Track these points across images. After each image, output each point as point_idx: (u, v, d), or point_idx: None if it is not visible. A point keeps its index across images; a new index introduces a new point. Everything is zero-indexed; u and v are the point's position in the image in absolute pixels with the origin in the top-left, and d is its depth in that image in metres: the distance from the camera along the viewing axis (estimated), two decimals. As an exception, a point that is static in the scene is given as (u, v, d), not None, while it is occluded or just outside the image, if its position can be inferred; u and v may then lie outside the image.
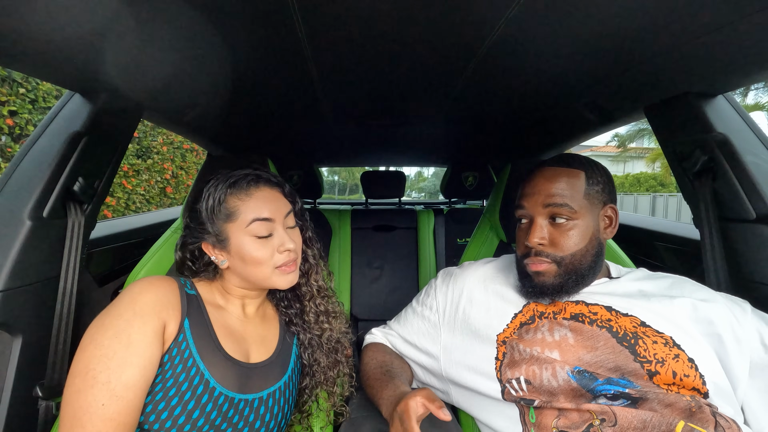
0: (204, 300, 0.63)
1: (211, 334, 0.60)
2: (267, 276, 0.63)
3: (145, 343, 0.51)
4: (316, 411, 0.76)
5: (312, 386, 0.73)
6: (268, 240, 0.63)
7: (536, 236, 0.67)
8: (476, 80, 0.86)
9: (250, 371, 0.63)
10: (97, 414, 0.47)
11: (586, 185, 0.68)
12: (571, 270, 0.66)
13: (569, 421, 0.58)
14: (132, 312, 0.53)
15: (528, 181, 0.72)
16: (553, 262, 0.66)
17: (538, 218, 0.68)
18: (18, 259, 0.70)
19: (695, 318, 0.62)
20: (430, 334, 0.78)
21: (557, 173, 0.69)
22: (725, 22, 0.56)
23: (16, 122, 2.77)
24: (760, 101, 11.31)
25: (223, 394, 0.57)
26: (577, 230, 0.66)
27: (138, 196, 4.17)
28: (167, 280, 0.60)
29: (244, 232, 0.61)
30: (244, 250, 0.61)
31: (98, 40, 0.61)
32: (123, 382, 0.49)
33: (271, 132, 1.43)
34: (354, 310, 1.89)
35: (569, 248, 0.66)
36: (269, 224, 0.62)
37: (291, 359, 0.71)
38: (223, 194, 0.62)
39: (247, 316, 0.69)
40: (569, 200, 0.66)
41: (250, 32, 0.64)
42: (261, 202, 0.63)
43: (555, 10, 0.56)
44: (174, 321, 0.56)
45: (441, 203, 2.83)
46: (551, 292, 0.67)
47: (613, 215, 0.70)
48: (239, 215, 0.61)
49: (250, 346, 0.66)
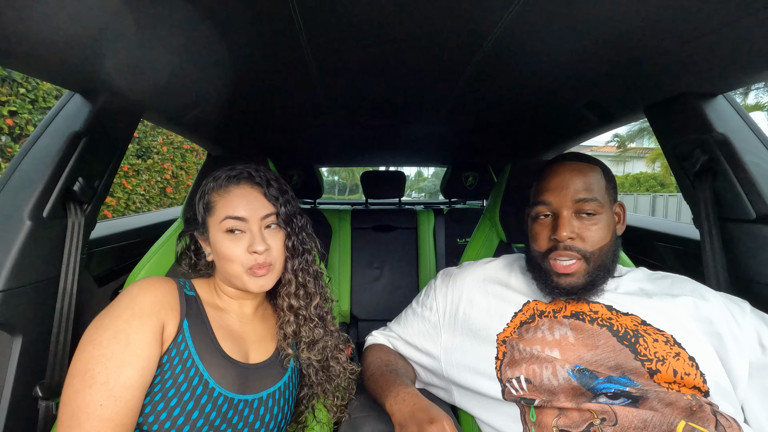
0: (203, 301, 0.63)
1: (210, 335, 0.60)
2: (239, 275, 0.62)
3: (143, 344, 0.51)
4: (312, 422, 0.75)
5: (309, 397, 0.73)
6: (239, 239, 0.61)
7: (566, 230, 0.65)
8: (476, 80, 0.86)
9: (250, 372, 0.63)
10: (95, 414, 0.47)
11: (605, 180, 0.69)
12: (600, 265, 0.66)
13: (570, 421, 0.58)
14: (131, 312, 0.53)
15: (552, 175, 0.70)
16: (582, 258, 0.66)
17: (565, 212, 0.67)
18: (18, 259, 0.70)
19: (696, 317, 0.62)
20: (431, 335, 0.78)
21: (584, 168, 0.68)
22: (725, 22, 0.56)
23: (16, 122, 2.77)
24: (760, 101, 11.30)
25: (222, 395, 0.57)
26: (602, 224, 0.66)
27: (138, 196, 4.16)
28: (166, 281, 0.60)
29: (218, 227, 0.62)
30: (217, 246, 0.62)
31: (98, 40, 0.61)
32: (121, 382, 0.49)
33: (271, 132, 1.43)
34: (354, 311, 1.89)
35: (597, 242, 0.66)
36: (242, 223, 0.61)
37: (291, 360, 0.71)
38: (209, 188, 0.64)
39: (246, 317, 0.68)
40: (597, 194, 0.67)
41: (250, 32, 0.64)
42: (237, 199, 0.62)
43: (555, 11, 0.56)
44: (173, 322, 0.56)
45: (441, 203, 2.83)
46: (581, 293, 0.66)
47: (621, 212, 0.72)
48: (216, 210, 0.62)
49: (249, 346, 0.66)
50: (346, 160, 2.48)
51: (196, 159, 5.33)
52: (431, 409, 0.57)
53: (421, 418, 0.56)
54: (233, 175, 0.64)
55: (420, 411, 0.57)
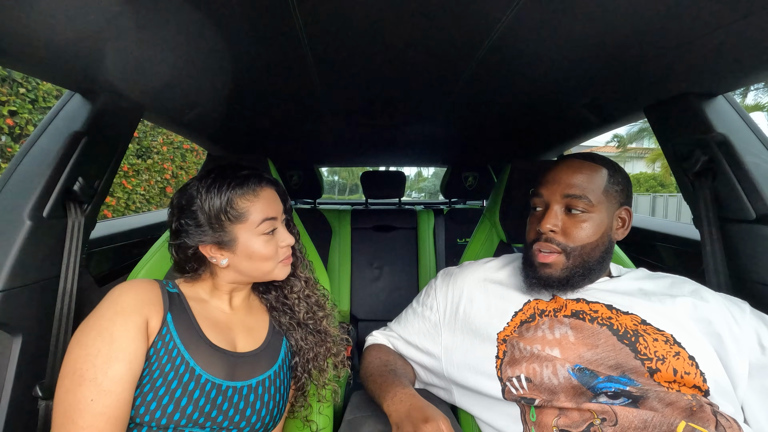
0: (186, 296, 0.65)
1: (194, 326, 0.62)
2: (270, 270, 0.66)
3: (128, 339, 0.53)
4: (312, 388, 0.77)
5: (303, 363, 0.75)
6: (272, 237, 0.65)
7: (549, 222, 0.67)
8: (476, 80, 0.86)
9: (237, 360, 0.64)
10: (87, 410, 0.48)
11: (607, 182, 0.69)
12: (579, 263, 0.67)
13: (570, 420, 0.58)
14: (113, 311, 0.54)
15: (549, 170, 0.72)
16: (562, 252, 0.67)
17: (554, 206, 0.68)
18: (18, 259, 0.69)
19: (695, 317, 0.62)
20: (431, 335, 0.78)
21: (580, 166, 0.70)
22: (725, 22, 0.56)
23: (16, 122, 2.77)
24: (760, 101, 11.30)
25: (210, 381, 0.58)
26: (591, 223, 0.67)
27: (138, 196, 4.17)
28: (148, 282, 0.61)
29: (254, 231, 0.63)
30: (253, 249, 0.63)
31: (98, 40, 0.61)
32: (110, 377, 0.50)
33: (271, 132, 1.43)
34: (354, 310, 1.89)
35: (580, 239, 0.66)
36: (274, 222, 0.65)
37: (281, 350, 0.72)
38: (231, 195, 0.61)
39: (233, 308, 0.70)
40: (588, 193, 0.67)
41: (250, 32, 0.64)
42: (266, 201, 0.65)
43: (555, 11, 0.56)
44: (156, 316, 0.58)
45: (441, 203, 2.83)
46: (556, 286, 0.68)
47: (627, 217, 0.72)
48: (249, 216, 0.62)
49: (236, 335, 0.67)
50: (346, 160, 2.48)
51: (196, 159, 5.33)
52: (427, 408, 0.58)
53: (416, 418, 0.56)
54: (255, 180, 0.64)
55: (416, 411, 0.57)
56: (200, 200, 0.61)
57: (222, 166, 0.66)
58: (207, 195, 0.61)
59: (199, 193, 0.62)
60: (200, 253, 0.64)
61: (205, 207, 0.61)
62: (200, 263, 0.67)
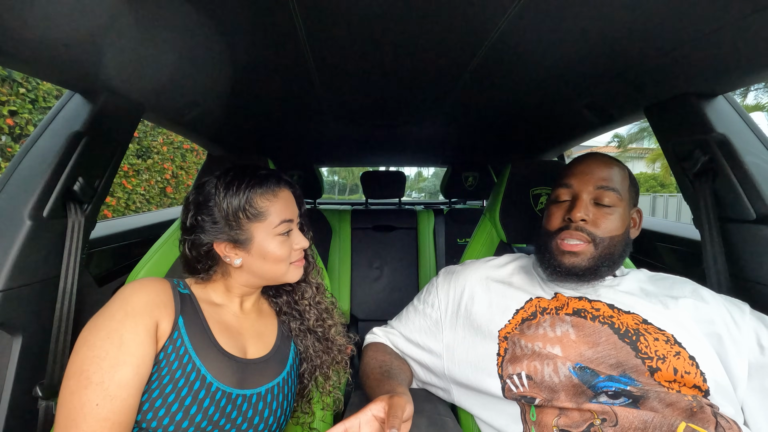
0: (197, 298, 0.63)
1: (206, 331, 0.60)
2: (284, 272, 0.65)
3: (137, 342, 0.52)
4: (316, 395, 0.78)
5: (310, 370, 0.75)
6: (287, 239, 0.65)
7: (581, 211, 0.68)
8: (476, 80, 0.86)
9: (247, 367, 0.63)
10: (92, 414, 0.47)
11: (628, 181, 0.72)
12: (607, 253, 0.67)
13: (570, 420, 0.58)
14: (123, 312, 0.53)
15: (578, 163, 0.73)
16: (591, 241, 0.67)
17: (584, 195, 0.69)
18: (18, 259, 0.69)
19: (696, 318, 0.62)
20: (432, 332, 0.78)
21: (611, 161, 0.72)
22: (725, 22, 0.56)
23: (16, 122, 2.77)
24: (760, 101, 11.30)
25: (220, 390, 0.57)
26: (618, 216, 0.68)
27: (138, 196, 4.16)
28: (159, 281, 0.60)
29: (271, 232, 0.62)
30: (269, 249, 0.62)
31: (98, 40, 0.61)
32: (116, 381, 0.49)
33: (271, 132, 1.43)
34: (354, 310, 1.89)
35: (609, 231, 0.67)
36: (290, 225, 0.65)
37: (290, 356, 0.71)
38: (251, 194, 0.61)
39: (244, 312, 0.69)
40: (619, 187, 0.69)
41: (250, 32, 0.64)
42: (284, 202, 0.65)
43: (555, 11, 0.56)
44: (167, 319, 0.56)
45: (441, 203, 2.83)
46: (580, 275, 0.68)
47: (638, 218, 0.74)
48: (268, 216, 0.62)
49: (246, 341, 0.66)
50: (346, 160, 2.48)
51: (196, 159, 5.33)
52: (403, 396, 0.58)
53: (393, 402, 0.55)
54: (274, 180, 0.64)
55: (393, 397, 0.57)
56: (218, 197, 0.61)
57: (240, 166, 0.66)
58: (226, 192, 0.61)
59: (217, 191, 0.62)
60: (214, 252, 0.63)
61: (223, 204, 0.61)
62: (213, 262, 0.65)
